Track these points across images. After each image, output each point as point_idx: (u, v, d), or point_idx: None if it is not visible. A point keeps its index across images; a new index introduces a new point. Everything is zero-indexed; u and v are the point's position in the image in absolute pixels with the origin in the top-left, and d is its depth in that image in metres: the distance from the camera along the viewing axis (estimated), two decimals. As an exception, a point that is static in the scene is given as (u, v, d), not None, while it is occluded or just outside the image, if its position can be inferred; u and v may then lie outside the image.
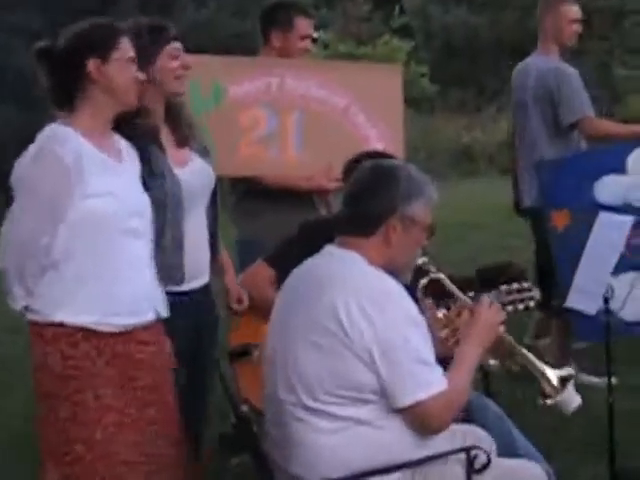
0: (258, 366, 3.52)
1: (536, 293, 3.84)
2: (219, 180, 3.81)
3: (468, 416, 3.25)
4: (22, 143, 3.14)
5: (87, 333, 3.02)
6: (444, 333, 3.21)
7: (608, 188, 4.70)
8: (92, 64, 3.09)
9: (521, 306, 3.83)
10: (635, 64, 23.96)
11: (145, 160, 3.37)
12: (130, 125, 3.35)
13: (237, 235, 4.76)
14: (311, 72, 4.75)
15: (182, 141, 3.62)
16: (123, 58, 3.14)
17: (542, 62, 5.33)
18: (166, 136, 3.57)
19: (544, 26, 5.30)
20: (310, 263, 3.04)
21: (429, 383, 2.77)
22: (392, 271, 2.92)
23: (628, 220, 3.96)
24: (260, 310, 3.77)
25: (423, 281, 3.25)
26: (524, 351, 3.09)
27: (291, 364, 2.85)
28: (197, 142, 3.69)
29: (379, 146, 4.54)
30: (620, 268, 4.17)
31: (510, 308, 3.75)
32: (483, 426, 3.18)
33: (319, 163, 4.59)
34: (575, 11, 5.29)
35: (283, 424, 2.89)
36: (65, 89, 3.13)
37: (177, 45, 3.59)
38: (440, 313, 3.28)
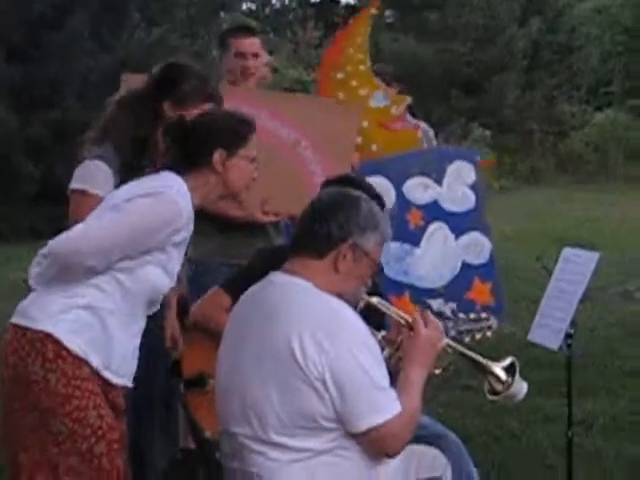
0: (213, 396, 3.43)
1: (493, 322, 3.79)
2: None
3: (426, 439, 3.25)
4: None
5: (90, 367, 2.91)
6: (386, 353, 3.13)
7: None
8: (218, 155, 3.09)
9: (479, 335, 3.78)
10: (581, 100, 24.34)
11: None
12: None
13: (188, 254, 4.65)
14: (264, 101, 4.61)
15: None
16: (247, 156, 3.15)
17: None
18: None
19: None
20: (255, 292, 2.96)
21: (384, 407, 2.73)
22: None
23: (595, 256, 3.92)
24: (215, 337, 3.68)
25: (359, 305, 3.18)
26: (468, 352, 3.10)
27: (245, 397, 2.78)
28: None
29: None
30: None
31: (467, 339, 3.70)
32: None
33: (258, 194, 4.39)
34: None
35: (241, 458, 2.81)
36: (185, 160, 3.10)
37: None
38: (379, 335, 3.21)
